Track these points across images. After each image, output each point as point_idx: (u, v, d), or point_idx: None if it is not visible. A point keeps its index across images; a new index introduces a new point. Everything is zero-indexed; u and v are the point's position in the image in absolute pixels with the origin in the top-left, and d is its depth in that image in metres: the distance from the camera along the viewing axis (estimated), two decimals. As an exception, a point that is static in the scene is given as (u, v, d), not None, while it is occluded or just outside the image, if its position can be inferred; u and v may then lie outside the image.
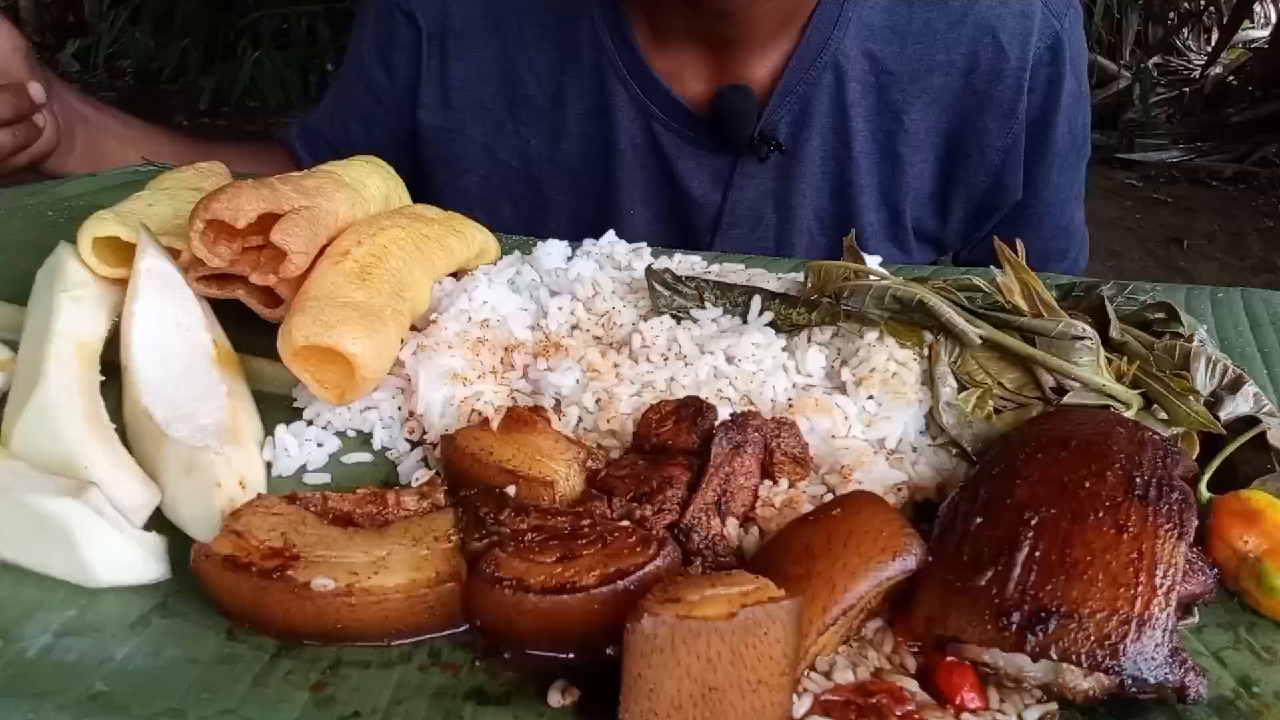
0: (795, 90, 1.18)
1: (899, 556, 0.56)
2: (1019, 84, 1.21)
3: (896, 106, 1.21)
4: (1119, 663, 0.51)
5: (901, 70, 1.19)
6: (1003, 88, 1.20)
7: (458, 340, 0.81)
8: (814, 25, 1.16)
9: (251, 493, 0.65)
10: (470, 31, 1.23)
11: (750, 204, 1.24)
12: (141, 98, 6.48)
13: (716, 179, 1.23)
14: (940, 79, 1.20)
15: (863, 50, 1.18)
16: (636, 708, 0.48)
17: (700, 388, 0.77)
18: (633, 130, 1.22)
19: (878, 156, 1.24)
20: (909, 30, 1.18)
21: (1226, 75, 6.90)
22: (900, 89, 1.20)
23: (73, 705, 0.50)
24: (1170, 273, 4.46)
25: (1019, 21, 1.19)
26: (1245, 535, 0.62)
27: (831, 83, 1.19)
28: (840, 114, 1.20)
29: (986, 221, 1.29)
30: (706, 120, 1.19)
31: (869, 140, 1.23)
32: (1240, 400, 0.75)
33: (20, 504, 0.60)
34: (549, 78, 1.22)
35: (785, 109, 1.19)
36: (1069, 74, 1.23)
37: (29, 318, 0.78)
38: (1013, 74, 1.20)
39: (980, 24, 1.19)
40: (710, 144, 1.21)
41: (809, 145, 1.22)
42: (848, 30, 1.17)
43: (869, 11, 1.17)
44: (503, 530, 0.59)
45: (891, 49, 1.19)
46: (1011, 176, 1.26)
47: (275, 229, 0.78)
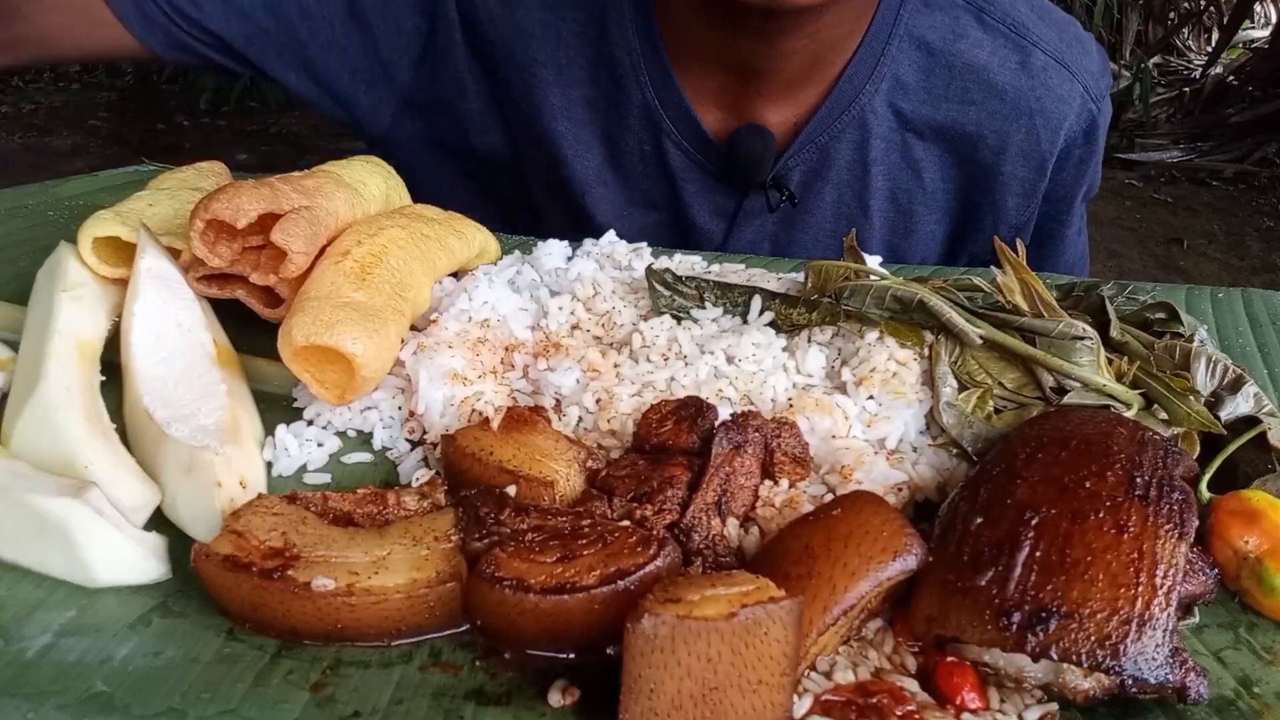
0: (816, 140, 1.14)
1: (899, 556, 0.56)
2: (1044, 168, 1.18)
3: (918, 164, 1.18)
4: (1119, 663, 0.51)
5: (929, 131, 1.16)
6: (1027, 169, 1.17)
7: (458, 340, 0.81)
8: (846, 77, 1.11)
9: (252, 492, 0.65)
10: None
11: (748, 243, 1.22)
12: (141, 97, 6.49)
13: (719, 212, 1.21)
14: (968, 149, 1.17)
15: (891, 106, 1.14)
16: (636, 708, 0.48)
17: (700, 388, 0.77)
18: (642, 136, 1.18)
19: (892, 213, 1.21)
20: (945, 94, 1.14)
21: (1226, 75, 6.90)
22: (924, 148, 1.17)
23: (73, 705, 0.51)
24: (1170, 273, 4.46)
25: (1058, 106, 1.15)
26: (1246, 535, 0.62)
27: (856, 138, 1.15)
28: (861, 169, 1.17)
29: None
30: (722, 152, 1.15)
31: (885, 196, 1.19)
32: (1241, 400, 0.75)
33: (20, 504, 0.60)
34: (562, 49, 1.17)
35: (802, 157, 1.16)
36: (1099, 147, 1.21)
37: (29, 317, 0.78)
38: (1040, 158, 1.17)
39: (1019, 105, 1.14)
40: (719, 176, 1.18)
41: (820, 196, 1.19)
42: (880, 86, 1.12)
43: (905, 69, 1.12)
44: (503, 530, 0.59)
45: (924, 110, 1.14)
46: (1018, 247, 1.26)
47: (275, 229, 0.78)
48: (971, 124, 1.15)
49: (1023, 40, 1.14)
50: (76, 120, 5.98)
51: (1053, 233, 1.26)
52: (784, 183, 1.16)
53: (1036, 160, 1.17)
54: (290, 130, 5.95)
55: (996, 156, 1.17)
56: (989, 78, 1.14)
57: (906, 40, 1.12)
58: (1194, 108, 6.72)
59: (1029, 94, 1.14)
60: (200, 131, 5.83)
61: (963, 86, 1.14)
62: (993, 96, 1.14)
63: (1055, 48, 1.16)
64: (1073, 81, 1.16)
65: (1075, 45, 1.18)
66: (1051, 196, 1.21)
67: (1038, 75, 1.14)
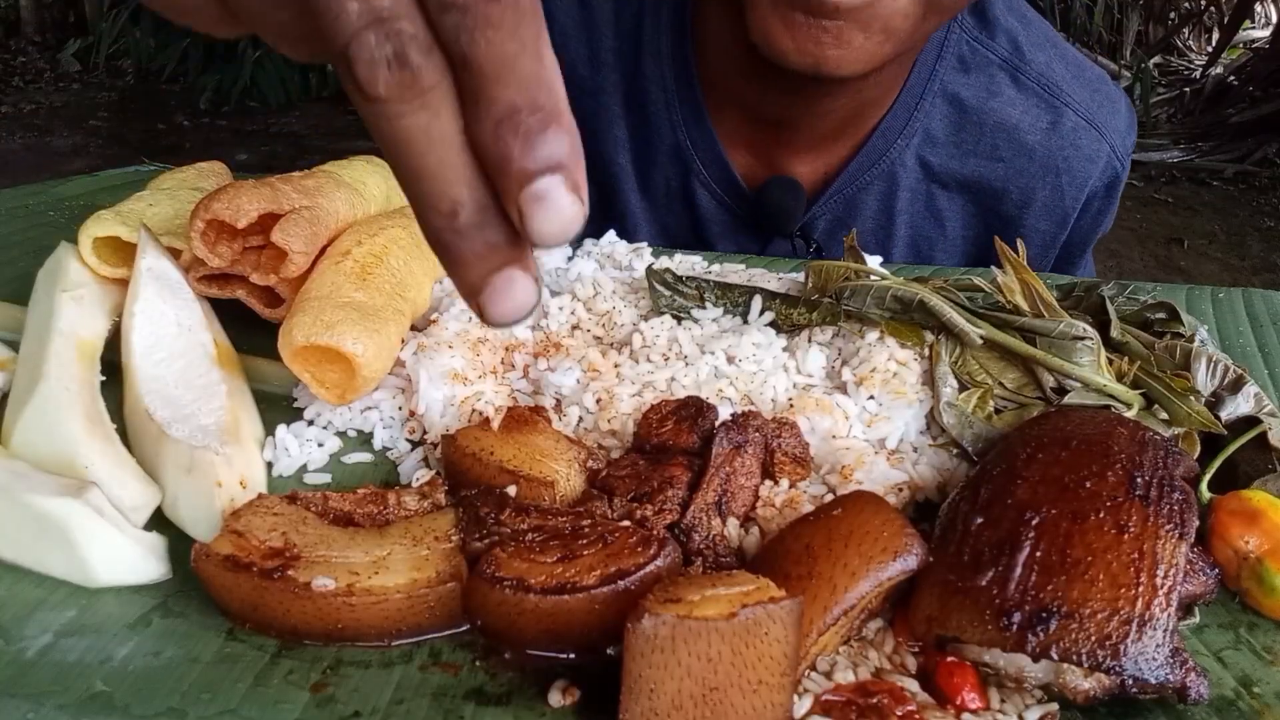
0: (844, 191, 1.15)
1: (899, 556, 0.56)
2: (1065, 222, 1.19)
3: (941, 214, 1.19)
4: (1120, 663, 0.51)
5: (954, 184, 1.17)
6: (1049, 223, 1.19)
7: (458, 340, 0.81)
8: (879, 132, 1.12)
9: (252, 492, 0.65)
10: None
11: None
12: (142, 97, 6.49)
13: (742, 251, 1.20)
14: (991, 202, 1.17)
15: (919, 158, 1.15)
16: (636, 708, 0.48)
17: (701, 388, 0.77)
18: (670, 173, 1.18)
19: (911, 259, 1.22)
20: (974, 150, 1.14)
21: (1227, 75, 6.90)
22: (949, 198, 1.18)
23: (73, 705, 0.50)
24: (1170, 273, 4.46)
25: (1084, 165, 1.16)
26: (1246, 535, 0.62)
27: (883, 190, 1.15)
28: (886, 220, 1.18)
29: None
30: (749, 199, 1.16)
31: (907, 244, 1.20)
32: (1241, 400, 0.75)
33: (20, 504, 0.60)
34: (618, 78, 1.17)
35: (829, 207, 1.16)
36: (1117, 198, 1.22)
37: (29, 317, 0.78)
38: (1062, 212, 1.18)
39: (1046, 164, 1.15)
40: (744, 220, 1.18)
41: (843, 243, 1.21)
42: (911, 140, 1.13)
43: (936, 123, 1.13)
44: (503, 530, 0.59)
45: (951, 163, 1.15)
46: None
47: (276, 229, 0.78)
48: (998, 180, 1.16)
49: (1055, 101, 1.15)
50: (76, 120, 5.98)
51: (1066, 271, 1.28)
52: (810, 232, 1.17)
53: (1059, 215, 1.19)
54: (290, 130, 5.95)
55: (1020, 211, 1.18)
56: (1019, 137, 1.15)
57: (940, 97, 1.13)
58: (1194, 108, 6.72)
59: (1057, 153, 1.15)
60: (200, 131, 5.83)
61: (992, 144, 1.15)
62: (1021, 154, 1.15)
63: (1087, 108, 1.16)
64: (1101, 141, 1.17)
65: (1106, 105, 1.19)
66: (1067, 244, 1.23)
67: (1067, 135, 1.15)
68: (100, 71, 6.88)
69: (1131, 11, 7.38)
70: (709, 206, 1.18)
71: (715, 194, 1.17)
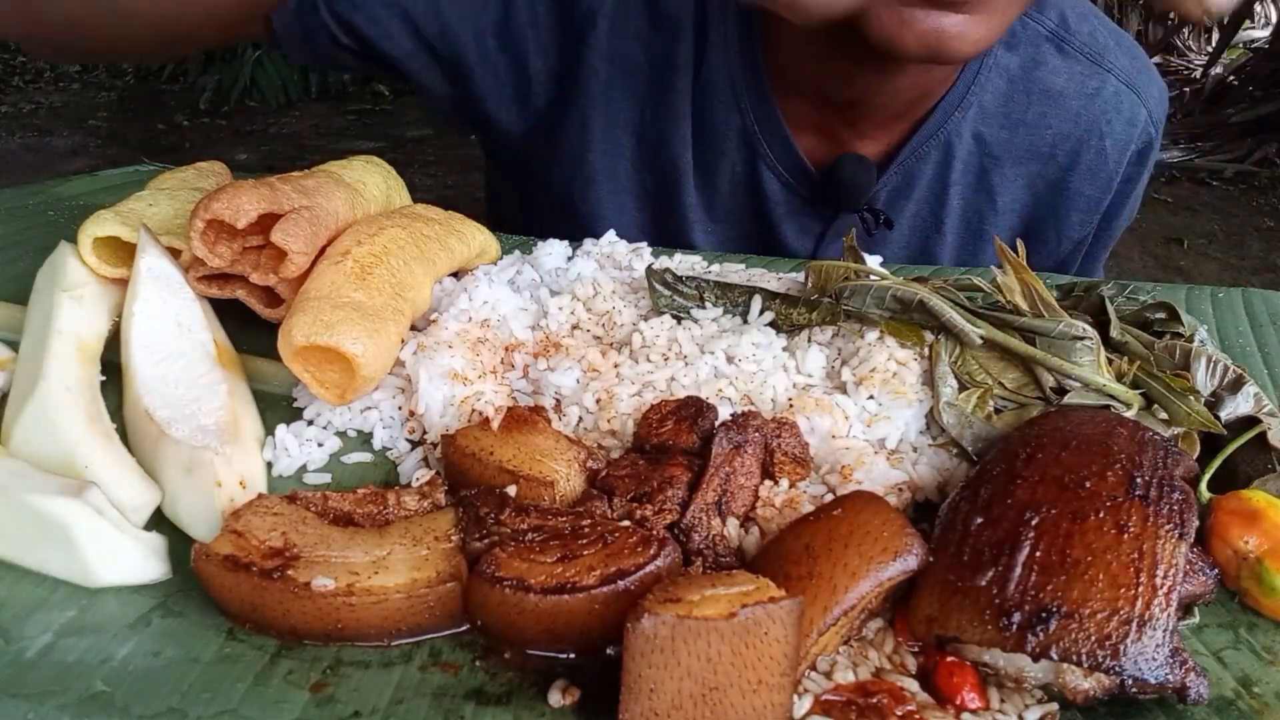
0: (904, 164, 1.18)
1: (899, 556, 0.56)
2: (1109, 185, 1.22)
3: (993, 187, 1.22)
4: (1119, 663, 0.51)
5: (1005, 155, 1.20)
6: (1094, 187, 1.22)
7: (458, 340, 0.81)
8: (940, 108, 1.15)
9: (252, 492, 0.65)
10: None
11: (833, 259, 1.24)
12: (142, 97, 6.49)
13: (806, 231, 1.23)
14: (1039, 167, 1.21)
15: (973, 131, 1.18)
16: (636, 708, 0.48)
17: (700, 387, 0.77)
18: (736, 159, 1.20)
19: (964, 232, 1.25)
20: (1023, 119, 1.18)
21: (1227, 75, 6.91)
22: (1000, 172, 1.21)
23: (73, 705, 0.50)
24: (1170, 273, 4.46)
25: (1125, 128, 1.20)
26: (1245, 535, 0.62)
27: (939, 159, 1.19)
28: (941, 189, 1.21)
29: None
30: (818, 179, 1.18)
31: (959, 217, 1.23)
32: (1241, 400, 0.75)
33: (20, 504, 0.60)
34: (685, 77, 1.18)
35: (890, 180, 1.19)
36: (1147, 172, 1.25)
37: (29, 317, 0.78)
38: (1106, 175, 1.21)
39: (1091, 126, 1.19)
40: (811, 199, 1.21)
41: (902, 214, 1.22)
42: (967, 114, 1.16)
43: (989, 97, 1.17)
44: (503, 530, 0.59)
45: (1002, 134, 1.19)
46: (1071, 262, 1.29)
47: (275, 229, 0.78)
48: (1046, 145, 1.20)
49: (1099, 67, 1.19)
50: (76, 120, 5.99)
51: (1092, 253, 1.30)
52: (875, 207, 1.19)
53: (1103, 179, 1.22)
54: (290, 130, 5.95)
55: (1066, 174, 1.21)
56: (1064, 102, 1.18)
57: (993, 70, 1.16)
58: (1194, 108, 6.72)
59: (1100, 117, 1.19)
60: (200, 131, 5.83)
61: (1040, 111, 1.18)
62: (1067, 119, 1.19)
63: (1128, 73, 1.20)
64: (1140, 106, 1.21)
65: (1145, 72, 1.23)
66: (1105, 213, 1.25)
67: (1110, 100, 1.19)
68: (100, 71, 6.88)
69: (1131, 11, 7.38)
70: (775, 189, 1.21)
71: (781, 176, 1.20)
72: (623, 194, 1.26)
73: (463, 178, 5.18)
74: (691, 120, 1.19)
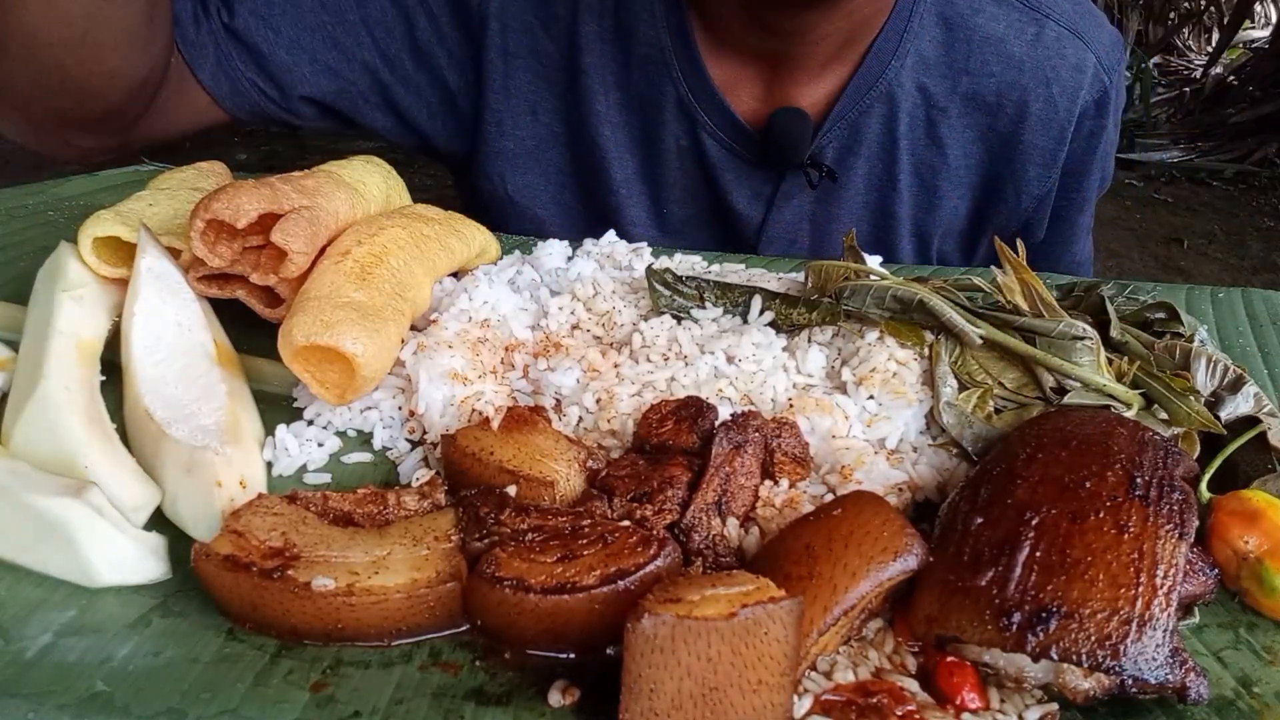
0: (846, 117, 1.18)
1: (899, 556, 0.56)
2: (1063, 136, 1.21)
3: (943, 140, 1.21)
4: (1119, 663, 0.51)
5: (951, 107, 1.19)
6: (1047, 138, 1.21)
7: (458, 340, 0.81)
8: (873, 54, 1.15)
9: (252, 492, 0.65)
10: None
11: (787, 224, 1.24)
12: (142, 97, 6.47)
13: (757, 195, 1.23)
14: (987, 120, 1.20)
15: (916, 83, 1.17)
16: (636, 707, 0.48)
17: (700, 387, 0.77)
18: (678, 130, 1.21)
19: (917, 188, 1.24)
20: (965, 68, 1.17)
21: (1226, 75, 6.91)
22: (948, 124, 1.20)
23: (73, 705, 0.50)
24: (1170, 273, 4.47)
25: (1073, 75, 1.19)
26: (1245, 535, 0.62)
27: (884, 112, 1.18)
28: (890, 143, 1.20)
29: None
30: (757, 138, 1.18)
31: (911, 172, 1.23)
32: (1241, 400, 0.75)
33: (20, 504, 0.60)
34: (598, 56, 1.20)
35: (834, 134, 1.19)
36: (1110, 125, 1.24)
37: (29, 317, 0.78)
38: (1059, 126, 1.20)
39: (1036, 73, 1.18)
40: (755, 161, 1.21)
41: (854, 172, 1.22)
42: (905, 62, 1.16)
43: (926, 45, 1.16)
44: (503, 530, 0.59)
45: (945, 84, 1.18)
46: (1039, 222, 1.28)
47: (275, 229, 0.78)
48: (991, 94, 1.19)
49: (1036, 13, 1.18)
50: (76, 120, 5.97)
51: (1065, 215, 1.28)
52: (820, 160, 1.19)
53: (1055, 129, 1.20)
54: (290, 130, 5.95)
55: (1016, 125, 1.20)
56: (1005, 48, 1.17)
57: (928, 16, 1.15)
58: (1194, 108, 6.72)
59: (1044, 63, 1.18)
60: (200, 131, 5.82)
61: (982, 59, 1.17)
62: (1010, 67, 1.18)
63: (1069, 18, 1.19)
64: (1086, 51, 1.19)
65: (1089, 17, 1.22)
66: (1065, 169, 1.24)
67: (1052, 45, 1.18)
68: (100, 71, 6.86)
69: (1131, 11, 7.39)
70: (718, 155, 1.21)
71: (722, 141, 1.20)
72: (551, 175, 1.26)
73: (463, 178, 5.17)
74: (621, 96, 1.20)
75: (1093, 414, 0.68)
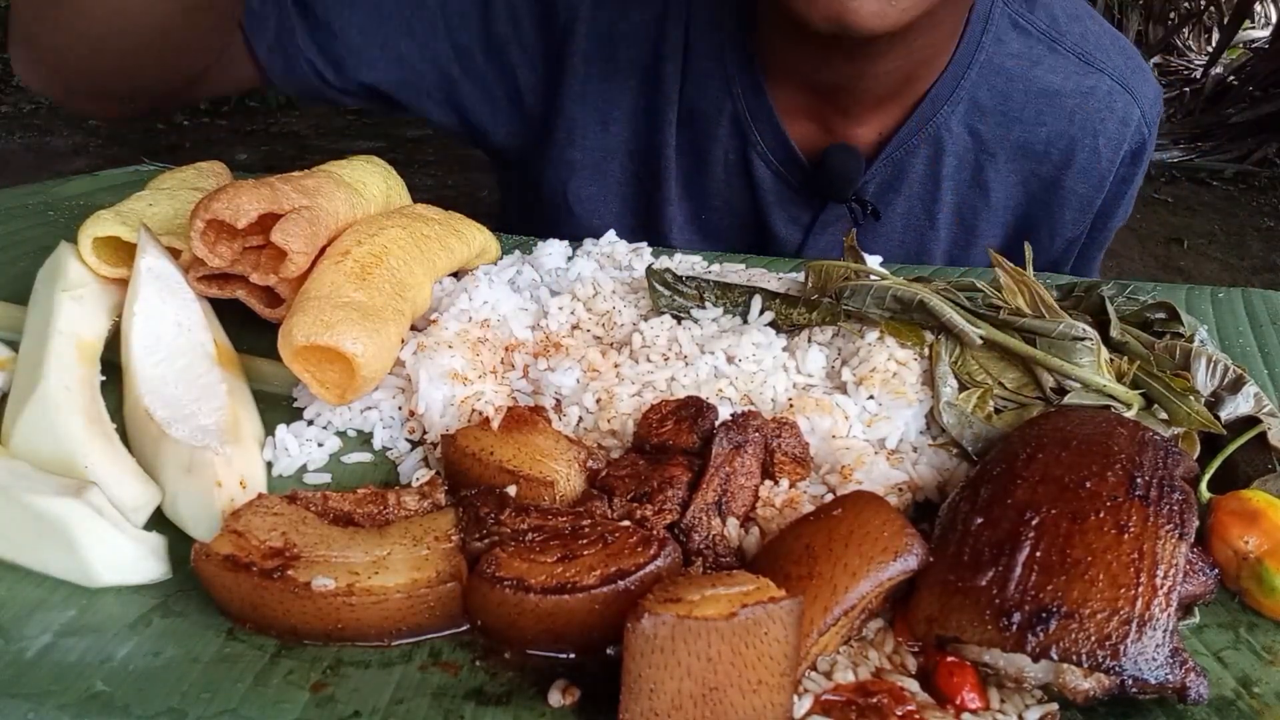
0: (894, 156, 1.19)
1: (900, 556, 0.56)
2: (1102, 185, 1.23)
3: (987, 183, 1.23)
4: (1119, 663, 0.51)
5: (1000, 151, 1.21)
6: (1087, 186, 1.23)
7: (458, 340, 0.81)
8: (929, 99, 1.16)
9: (252, 492, 0.65)
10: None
11: (820, 251, 1.26)
12: (142, 97, 6.47)
13: (795, 220, 1.25)
14: (1032, 165, 1.22)
15: (968, 127, 1.19)
16: (636, 707, 0.48)
17: (700, 388, 0.77)
18: (729, 145, 1.22)
19: (956, 227, 1.26)
20: (1020, 117, 1.19)
21: (1226, 75, 6.91)
22: (995, 168, 1.22)
23: (73, 705, 0.50)
24: (1170, 273, 4.47)
25: (1119, 128, 1.21)
26: (1245, 535, 0.62)
27: (929, 154, 1.20)
28: (933, 184, 1.22)
29: None
30: (808, 168, 1.20)
31: (952, 211, 1.24)
32: (1241, 400, 0.75)
33: (20, 504, 0.60)
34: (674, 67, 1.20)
35: (879, 171, 1.20)
36: (1140, 172, 1.26)
37: (29, 317, 0.78)
38: (1099, 175, 1.22)
39: (1085, 125, 1.20)
40: (800, 189, 1.22)
41: (894, 209, 1.23)
42: (957, 108, 1.17)
43: (984, 93, 1.18)
44: (503, 530, 0.59)
45: (998, 131, 1.20)
46: (1064, 262, 1.30)
47: (275, 229, 0.78)
48: (1040, 142, 1.21)
49: (1091, 66, 1.21)
50: (76, 120, 5.98)
51: (1086, 253, 1.31)
52: (864, 197, 1.21)
53: (1096, 178, 1.23)
54: (290, 130, 5.95)
55: (1060, 172, 1.22)
56: (1060, 101, 1.20)
57: (987, 67, 1.17)
58: (1194, 108, 6.72)
59: (1094, 115, 1.20)
60: (200, 131, 5.82)
61: (1036, 110, 1.20)
62: (1062, 117, 1.20)
63: (1121, 73, 1.22)
64: (1133, 105, 1.22)
65: (1139, 73, 1.24)
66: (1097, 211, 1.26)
67: (1104, 98, 1.21)
68: (100, 71, 6.86)
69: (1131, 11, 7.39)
70: (765, 177, 1.22)
71: (772, 165, 1.21)
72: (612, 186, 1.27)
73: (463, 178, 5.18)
74: (679, 106, 1.21)
75: (1093, 414, 0.68)
